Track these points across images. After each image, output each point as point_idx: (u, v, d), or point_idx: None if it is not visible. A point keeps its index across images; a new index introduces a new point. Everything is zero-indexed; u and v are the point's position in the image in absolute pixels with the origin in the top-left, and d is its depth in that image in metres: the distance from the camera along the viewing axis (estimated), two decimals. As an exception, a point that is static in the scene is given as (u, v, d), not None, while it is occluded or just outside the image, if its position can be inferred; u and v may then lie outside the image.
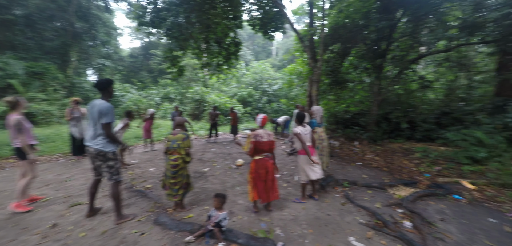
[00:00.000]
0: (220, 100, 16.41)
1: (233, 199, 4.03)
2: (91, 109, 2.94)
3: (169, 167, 3.37)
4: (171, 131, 3.49)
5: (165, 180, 3.51)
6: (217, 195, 2.96)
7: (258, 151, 3.40)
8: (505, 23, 5.31)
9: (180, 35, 8.36)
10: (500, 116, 6.00)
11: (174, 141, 3.35)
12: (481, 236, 2.98)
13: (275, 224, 3.20)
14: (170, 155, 3.38)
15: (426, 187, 4.52)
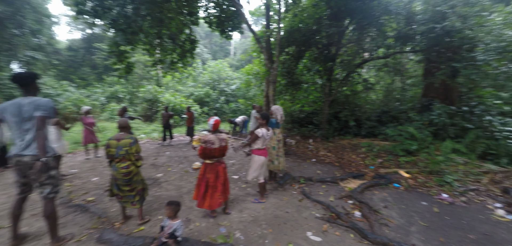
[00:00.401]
0: (175, 100, 15.45)
1: (190, 205, 3.72)
2: (17, 109, 2.34)
3: (121, 175, 2.94)
4: (114, 135, 3.00)
5: (113, 189, 3.06)
6: (169, 203, 2.65)
7: (207, 156, 3.20)
8: (430, 35, 6.25)
9: (128, 28, 7.49)
10: (427, 114, 7.05)
11: (120, 147, 2.91)
12: (417, 218, 3.38)
13: (234, 228, 3.06)
14: (118, 163, 2.93)
15: (371, 178, 4.98)
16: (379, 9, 7.37)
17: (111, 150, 2.91)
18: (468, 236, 2.97)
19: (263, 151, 3.95)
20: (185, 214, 3.39)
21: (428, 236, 2.95)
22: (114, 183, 3.02)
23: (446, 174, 4.64)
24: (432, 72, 7.58)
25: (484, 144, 5.52)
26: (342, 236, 2.92)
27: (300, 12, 8.83)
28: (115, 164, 2.94)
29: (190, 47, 10.05)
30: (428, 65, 7.72)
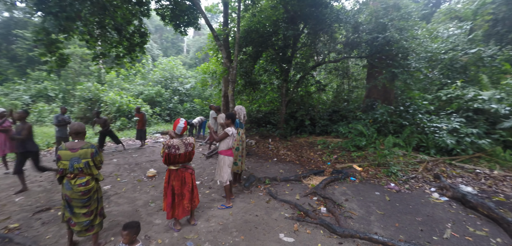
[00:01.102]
0: (122, 100, 13.74)
1: (148, 219, 3.25)
2: None
3: (78, 195, 2.34)
4: (66, 144, 2.36)
5: (66, 212, 2.43)
6: (126, 227, 2.12)
7: (172, 162, 2.85)
8: (374, 44, 7.03)
9: (61, 12, 6.20)
10: (371, 113, 7.92)
11: (77, 158, 2.32)
12: (374, 208, 3.67)
13: (203, 240, 2.77)
14: (73, 179, 2.33)
15: (330, 174, 5.27)
16: (330, 17, 7.93)
17: (65, 163, 2.30)
18: (416, 218, 3.36)
19: (230, 151, 3.76)
20: (143, 230, 2.93)
21: (386, 223, 3.23)
22: (66, 205, 2.40)
23: (391, 166, 5.25)
24: (375, 76, 8.58)
25: (417, 138, 6.49)
26: (313, 234, 2.95)
27: (258, 13, 8.87)
28: (68, 181, 2.34)
29: (139, 40, 9.02)
30: (371, 70, 8.69)
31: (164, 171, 5.58)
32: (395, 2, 7.26)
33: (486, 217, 3.33)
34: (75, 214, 2.41)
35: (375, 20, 7.23)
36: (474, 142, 5.78)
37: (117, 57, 9.06)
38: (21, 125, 4.14)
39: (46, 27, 6.81)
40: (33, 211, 3.50)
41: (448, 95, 7.42)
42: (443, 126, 6.27)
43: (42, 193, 4.24)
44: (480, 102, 6.38)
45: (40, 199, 3.99)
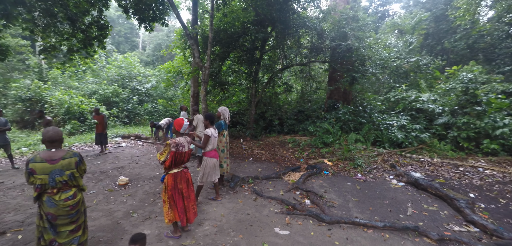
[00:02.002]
0: (72, 100, 12.10)
1: (135, 231, 3.06)
2: None
3: (65, 211, 2.07)
4: (41, 155, 2.04)
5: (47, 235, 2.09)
6: (136, 241, 1.95)
7: (177, 163, 2.77)
8: (336, 50, 7.78)
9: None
10: (334, 113, 8.73)
11: (59, 171, 2.03)
12: (349, 196, 4.15)
13: (202, 244, 2.76)
14: (56, 194, 2.04)
15: (305, 170, 5.69)
16: (297, 23, 8.45)
17: (43, 178, 1.99)
18: (384, 202, 3.94)
19: (214, 152, 3.82)
20: None
21: (362, 208, 3.71)
22: (48, 226, 2.08)
23: (356, 159, 5.93)
24: (336, 79, 9.48)
25: (374, 134, 7.44)
26: (304, 224, 3.22)
27: (230, 13, 8.91)
28: (51, 197, 2.04)
29: (98, 34, 8.14)
30: (333, 73, 9.56)
31: (136, 179, 5.24)
32: (354, 15, 8.17)
33: (434, 195, 4.11)
34: (60, 233, 2.12)
35: (337, 29, 8.01)
36: (417, 136, 6.93)
37: (70, 51, 8.03)
38: None
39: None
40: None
41: (395, 97, 8.68)
42: (394, 123, 7.34)
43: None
44: (421, 103, 7.67)
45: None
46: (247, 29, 9.19)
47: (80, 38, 7.99)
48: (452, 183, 4.83)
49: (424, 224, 3.21)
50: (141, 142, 10.09)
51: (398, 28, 12.38)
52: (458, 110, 7.23)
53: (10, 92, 12.83)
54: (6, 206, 3.95)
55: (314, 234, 2.98)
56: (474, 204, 3.77)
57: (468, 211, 3.38)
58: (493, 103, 6.63)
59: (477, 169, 5.50)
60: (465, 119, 6.66)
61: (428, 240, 2.83)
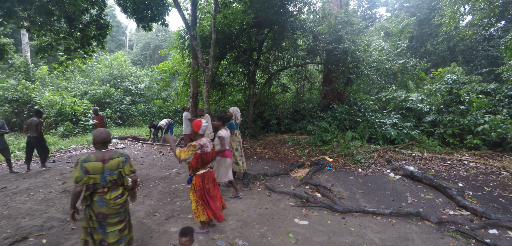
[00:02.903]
0: (64, 101, 11.77)
1: (162, 229, 3.20)
2: None
3: (115, 210, 2.18)
4: (95, 155, 2.13)
5: (96, 235, 2.20)
6: (186, 233, 2.14)
7: (204, 163, 2.92)
8: (332, 53, 8.21)
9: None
10: (330, 112, 9.17)
11: (110, 170, 2.14)
12: (354, 189, 4.53)
13: (232, 237, 2.99)
14: (106, 194, 2.15)
15: (309, 166, 6.04)
16: (294, 25, 8.79)
17: (95, 177, 2.09)
18: (386, 192, 4.36)
19: (228, 151, 4.02)
20: (162, 241, 2.93)
21: (368, 199, 4.09)
22: (94, 227, 2.18)
23: (355, 155, 6.36)
24: (331, 80, 9.93)
25: (369, 132, 7.93)
26: (320, 215, 3.54)
27: (229, 15, 9.10)
28: (102, 197, 2.14)
29: (97, 33, 8.05)
30: (329, 75, 10.00)
31: (146, 179, 5.35)
32: (348, 19, 8.63)
33: (428, 186, 4.58)
34: (109, 234, 2.21)
35: (334, 33, 8.43)
36: (408, 133, 7.50)
37: (67, 50, 7.89)
38: None
39: None
40: (6, 244, 2.91)
41: (386, 97, 9.25)
42: (387, 121, 7.87)
43: (1, 220, 3.52)
44: (410, 103, 8.26)
45: (4, 227, 3.33)
46: (245, 30, 9.42)
47: (77, 37, 7.87)
48: (442, 174, 5.35)
49: (424, 210, 3.63)
50: (140, 143, 10.05)
51: (386, 31, 13.09)
52: (443, 109, 7.88)
53: (-4, 94, 12.27)
54: (18, 211, 3.85)
55: (331, 222, 3.30)
56: (463, 192, 4.26)
57: (459, 198, 3.85)
58: (475, 102, 7.31)
59: (463, 162, 6.10)
60: (450, 117, 7.29)
61: (429, 223, 3.24)
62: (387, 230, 3.12)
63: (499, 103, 10.36)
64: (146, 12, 8.98)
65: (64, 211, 3.87)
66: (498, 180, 5.12)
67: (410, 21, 12.04)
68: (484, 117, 7.04)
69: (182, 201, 4.12)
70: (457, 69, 10.44)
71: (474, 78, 11.33)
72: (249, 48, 10.09)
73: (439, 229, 3.13)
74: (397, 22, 12.73)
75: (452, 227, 3.13)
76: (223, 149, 3.87)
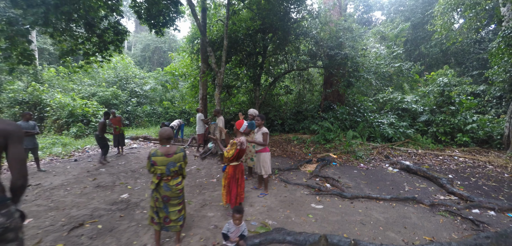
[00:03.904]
0: (75, 103, 12.20)
1: (201, 214, 3.74)
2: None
3: (176, 193, 2.72)
4: (161, 150, 2.65)
5: (161, 213, 2.73)
6: (239, 211, 2.69)
7: (238, 157, 3.51)
8: (334, 58, 8.87)
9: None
10: (331, 113, 9.84)
11: (173, 163, 2.67)
12: (359, 180, 5.18)
13: (261, 218, 3.59)
14: (170, 181, 2.68)
15: (316, 162, 6.67)
16: (297, 31, 9.42)
17: (161, 168, 2.63)
18: (386, 183, 5.01)
19: (267, 148, 4.60)
20: (203, 223, 3.51)
21: (371, 188, 4.74)
22: (160, 207, 2.72)
23: (357, 152, 7.02)
24: (331, 82, 10.62)
25: (368, 130, 8.62)
26: (332, 201, 4.16)
27: (238, 22, 9.69)
28: (167, 183, 2.67)
29: (115, 38, 8.54)
30: (330, 78, 10.68)
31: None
32: (349, 26, 9.32)
33: (422, 177, 5.26)
34: (171, 212, 2.76)
35: (335, 39, 9.11)
36: (404, 132, 8.20)
37: (86, 55, 8.37)
38: None
39: (11, 17, 6.00)
40: (66, 230, 3.31)
41: (383, 98, 9.96)
42: (384, 121, 8.56)
43: (51, 211, 3.95)
44: (406, 104, 8.98)
45: (57, 217, 3.74)
46: (250, 35, 10.00)
47: (95, 42, 8.36)
48: (434, 168, 6.04)
49: (419, 196, 4.27)
50: (151, 143, 10.56)
51: (382, 35, 13.84)
52: (436, 109, 8.61)
53: (6, 95, 12.59)
54: (63, 204, 4.22)
55: (342, 206, 3.93)
56: (453, 181, 4.94)
57: (448, 186, 4.52)
58: (464, 103, 8.05)
59: (453, 157, 6.81)
60: (442, 117, 8.02)
61: (423, 206, 3.89)
62: (388, 211, 3.76)
63: (487, 104, 11.18)
64: (159, 18, 9.51)
65: (106, 203, 4.36)
66: (484, 172, 5.83)
67: (405, 27, 12.82)
68: (472, 117, 7.79)
69: (210, 192, 4.69)
70: (449, 71, 11.22)
71: (465, 80, 12.14)
72: (253, 52, 10.67)
73: (431, 210, 3.78)
74: (393, 27, 13.50)
75: (442, 208, 3.79)
76: (266, 144, 4.45)
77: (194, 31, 10.79)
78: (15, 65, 6.55)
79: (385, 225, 3.35)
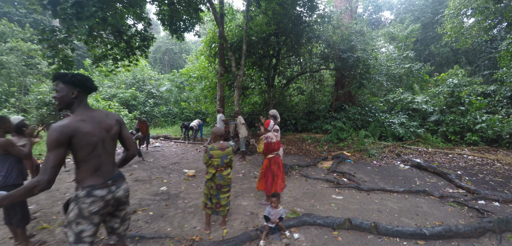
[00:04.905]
0: (99, 104, 13.05)
1: (236, 203, 4.29)
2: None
3: (227, 182, 3.25)
4: (215, 145, 3.17)
5: (214, 199, 3.25)
6: (275, 195, 3.23)
7: (270, 150, 4.08)
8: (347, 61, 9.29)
9: (83, 13, 6.02)
10: (343, 113, 10.28)
11: (226, 155, 3.20)
12: (373, 175, 5.67)
13: (290, 206, 4.13)
14: (223, 171, 3.21)
15: (331, 159, 7.16)
16: (309, 35, 9.87)
17: (217, 160, 3.17)
18: (398, 178, 5.48)
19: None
20: (244, 211, 4.08)
21: (385, 182, 5.22)
22: (213, 194, 3.23)
23: (370, 150, 7.47)
24: (343, 84, 11.04)
25: (380, 130, 9.03)
26: (350, 192, 4.67)
27: (255, 26, 10.23)
28: (221, 173, 3.20)
29: (141, 44, 9.22)
30: (342, 79, 11.11)
31: (202, 171, 6.50)
32: (360, 29, 9.73)
33: (432, 173, 5.69)
34: (221, 198, 3.28)
35: (347, 42, 9.54)
36: (415, 131, 8.58)
37: (114, 60, 9.06)
38: None
39: (54, 27, 6.71)
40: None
41: (394, 99, 10.33)
42: (395, 121, 8.96)
43: None
44: (416, 104, 9.34)
45: None
46: (263, 39, 10.50)
47: (123, 48, 9.04)
48: (444, 165, 6.45)
49: (429, 189, 4.73)
50: (172, 142, 11.24)
51: (392, 36, 14.13)
52: (446, 109, 8.94)
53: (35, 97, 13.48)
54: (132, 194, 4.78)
55: (359, 197, 4.44)
56: (461, 177, 5.36)
57: (457, 181, 4.96)
58: (474, 103, 8.37)
59: (462, 155, 7.18)
60: (452, 117, 8.36)
61: (433, 197, 4.35)
62: (402, 201, 4.24)
63: (498, 103, 11.36)
64: (180, 24, 10.16)
65: (149, 194, 4.92)
66: (491, 169, 6.21)
67: (415, 28, 13.08)
68: (482, 117, 8.10)
69: (239, 185, 5.26)
70: (459, 71, 11.45)
71: (476, 80, 12.32)
72: (267, 54, 11.19)
73: (440, 201, 4.25)
74: (402, 28, 13.76)
75: (451, 199, 4.25)
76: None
77: (211, 36, 11.39)
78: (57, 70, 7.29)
79: (399, 212, 3.84)
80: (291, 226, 3.32)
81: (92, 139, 1.69)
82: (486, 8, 7.98)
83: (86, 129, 1.67)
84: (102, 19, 6.23)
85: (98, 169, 1.74)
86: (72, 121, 1.64)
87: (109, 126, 1.81)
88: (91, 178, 1.71)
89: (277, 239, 3.09)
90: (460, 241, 2.99)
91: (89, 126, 1.70)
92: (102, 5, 5.96)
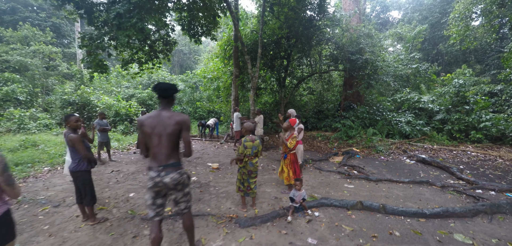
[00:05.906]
0: (119, 104, 13.92)
1: (261, 190, 4.96)
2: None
3: (256, 168, 3.91)
4: (249, 138, 3.82)
5: (245, 183, 3.92)
6: (299, 180, 3.89)
7: (296, 146, 4.71)
8: (356, 62, 9.82)
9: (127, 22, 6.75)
10: (351, 112, 10.80)
11: (255, 146, 3.85)
12: (381, 169, 6.23)
13: (309, 193, 4.77)
14: (253, 160, 3.86)
15: (341, 154, 7.74)
16: (319, 37, 10.42)
17: (248, 150, 3.85)
18: (404, 171, 6.04)
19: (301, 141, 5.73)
20: (269, 196, 4.74)
21: (392, 174, 5.79)
22: (245, 179, 3.91)
23: (377, 147, 8.02)
24: (351, 84, 11.54)
25: (387, 128, 9.54)
26: (360, 183, 5.27)
27: (268, 30, 10.85)
28: (251, 161, 3.87)
29: (163, 48, 9.96)
30: (351, 80, 11.62)
31: (224, 164, 7.19)
32: (368, 32, 10.22)
33: (436, 167, 6.22)
34: (251, 182, 3.96)
35: (356, 45, 10.05)
36: (421, 129, 9.06)
37: (139, 63, 9.84)
38: None
39: (93, 34, 7.51)
40: None
41: (401, 98, 10.79)
42: (402, 119, 9.45)
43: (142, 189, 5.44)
44: (422, 104, 9.79)
45: None
46: (274, 42, 11.09)
47: (146, 52, 9.80)
48: (448, 161, 6.96)
49: (432, 180, 5.28)
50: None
51: (400, 36, 14.51)
52: (451, 108, 9.37)
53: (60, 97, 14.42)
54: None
55: (369, 186, 5.04)
56: (462, 170, 5.88)
57: (458, 173, 5.49)
58: (479, 103, 8.78)
59: (466, 152, 7.65)
60: (457, 115, 8.80)
61: (435, 187, 4.91)
62: (407, 190, 4.82)
63: (505, 103, 11.67)
64: (198, 29, 10.87)
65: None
66: (493, 164, 6.68)
67: (422, 28, 13.45)
68: (487, 116, 8.52)
69: (261, 176, 5.90)
70: (467, 71, 11.79)
71: (483, 80, 12.61)
72: (279, 56, 11.79)
73: (441, 190, 4.80)
74: (410, 29, 14.12)
75: (451, 188, 4.80)
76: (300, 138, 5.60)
77: (226, 39, 12.06)
78: (93, 73, 8.10)
79: (404, 198, 4.43)
80: (311, 207, 3.97)
81: (150, 131, 2.19)
82: (490, 12, 8.35)
83: (148, 123, 2.21)
84: (140, 29, 6.98)
85: (154, 156, 2.24)
86: (144, 117, 2.29)
87: (166, 125, 2.20)
88: (151, 162, 2.28)
89: (301, 216, 3.73)
90: (456, 220, 3.57)
91: (151, 121, 2.20)
92: (141, 17, 6.67)
